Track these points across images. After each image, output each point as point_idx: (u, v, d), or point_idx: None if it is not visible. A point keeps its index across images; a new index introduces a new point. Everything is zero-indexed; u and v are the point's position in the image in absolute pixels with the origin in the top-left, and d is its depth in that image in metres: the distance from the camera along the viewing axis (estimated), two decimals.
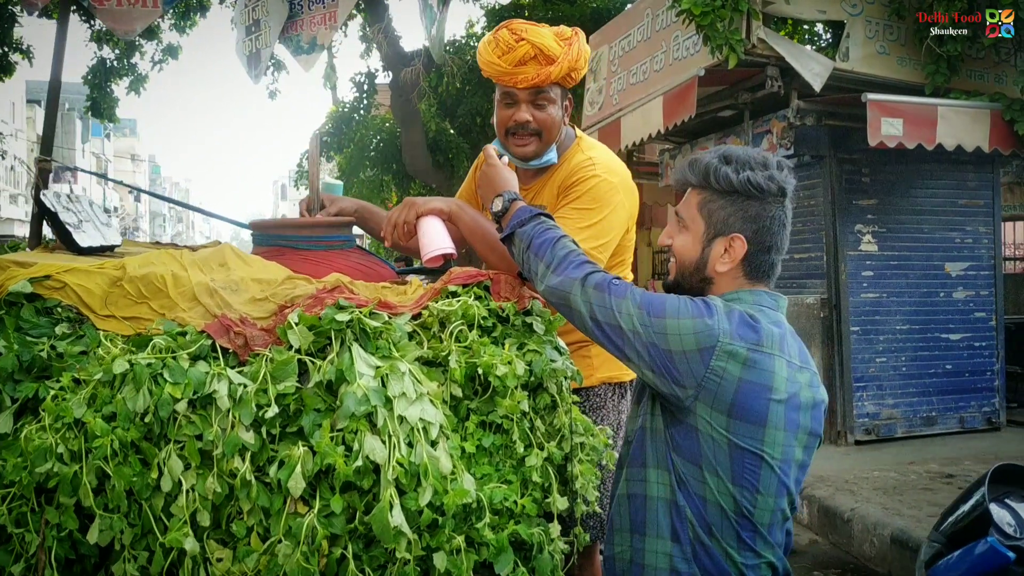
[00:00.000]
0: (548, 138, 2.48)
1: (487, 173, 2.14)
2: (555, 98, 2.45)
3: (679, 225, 1.89)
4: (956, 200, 7.46)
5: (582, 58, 2.44)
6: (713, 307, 1.72)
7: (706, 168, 1.82)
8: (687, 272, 1.88)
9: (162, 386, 1.60)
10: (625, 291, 1.77)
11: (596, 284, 1.79)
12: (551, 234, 1.92)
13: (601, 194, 2.42)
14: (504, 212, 2.03)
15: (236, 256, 1.93)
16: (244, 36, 5.45)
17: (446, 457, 1.67)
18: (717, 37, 6.04)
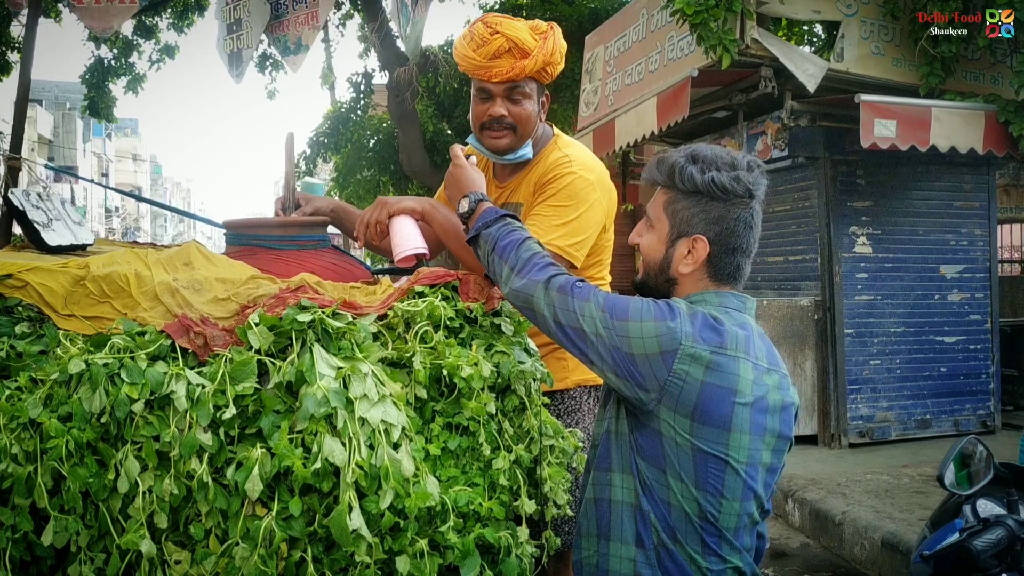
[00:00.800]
0: (523, 132, 2.45)
1: (453, 174, 2.14)
2: (530, 93, 2.43)
3: (646, 224, 1.87)
4: (951, 202, 7.43)
5: (557, 52, 2.41)
6: (676, 309, 1.70)
7: (672, 167, 1.80)
8: (652, 272, 1.87)
9: (119, 386, 1.58)
10: (588, 294, 1.75)
11: (559, 287, 1.76)
12: (516, 236, 1.90)
13: (577, 191, 2.39)
14: (470, 213, 2.02)
15: (201, 255, 1.91)
16: (225, 34, 5.44)
17: (408, 459, 1.65)
18: (711, 37, 6.02)
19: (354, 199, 14.11)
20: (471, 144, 2.55)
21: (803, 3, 6.52)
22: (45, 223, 2.23)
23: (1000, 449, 6.93)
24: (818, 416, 7.02)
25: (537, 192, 2.46)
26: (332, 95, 14.96)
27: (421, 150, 12.45)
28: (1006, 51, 6.70)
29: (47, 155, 39.71)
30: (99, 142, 51.44)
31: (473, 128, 2.52)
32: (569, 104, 11.98)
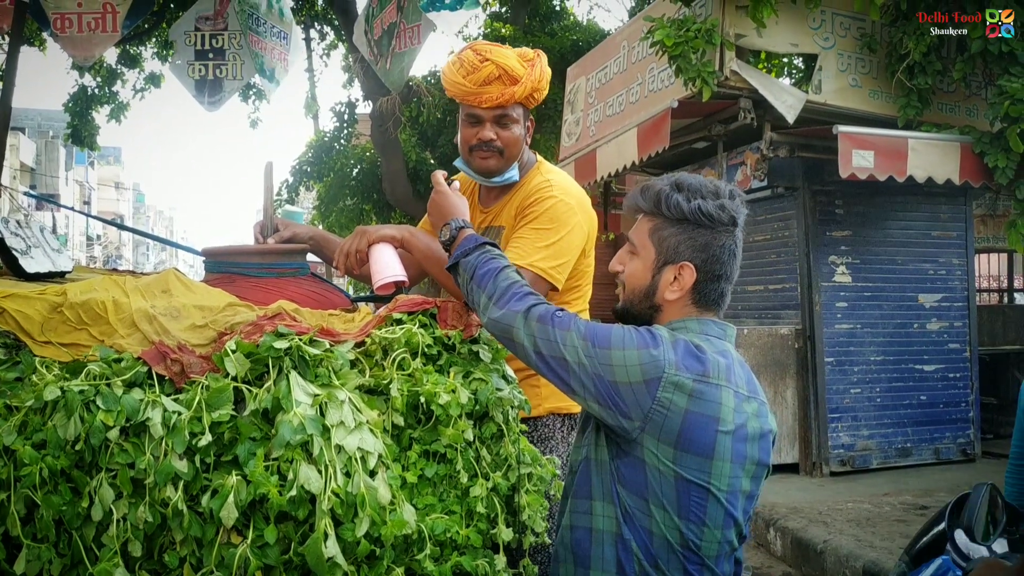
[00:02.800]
0: (510, 155, 2.52)
1: (436, 200, 2.15)
2: (518, 118, 2.50)
3: (629, 251, 1.87)
4: (929, 232, 7.51)
5: (544, 79, 2.49)
6: (659, 337, 1.70)
7: (657, 195, 1.81)
8: (636, 299, 1.86)
9: (94, 413, 1.58)
10: (569, 323, 1.74)
11: (539, 316, 1.76)
12: (494, 264, 1.89)
13: (559, 214, 2.44)
14: (451, 240, 2.02)
15: (180, 282, 1.91)
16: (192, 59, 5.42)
17: (385, 487, 1.65)
18: (690, 69, 6.09)
19: (336, 227, 14.12)
20: (459, 166, 2.61)
21: (781, 36, 6.61)
22: (23, 250, 2.22)
23: (980, 478, 6.89)
24: (799, 444, 7.03)
25: (519, 216, 2.49)
26: (316, 124, 15.02)
27: (404, 179, 12.49)
28: (980, 83, 6.81)
29: (29, 183, 39.53)
30: (82, 170, 51.28)
31: (461, 151, 2.57)
32: (551, 134, 12.07)
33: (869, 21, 6.76)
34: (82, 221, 50.01)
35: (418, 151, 13.45)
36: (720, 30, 6.21)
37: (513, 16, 13.63)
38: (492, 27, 13.75)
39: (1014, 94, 5.71)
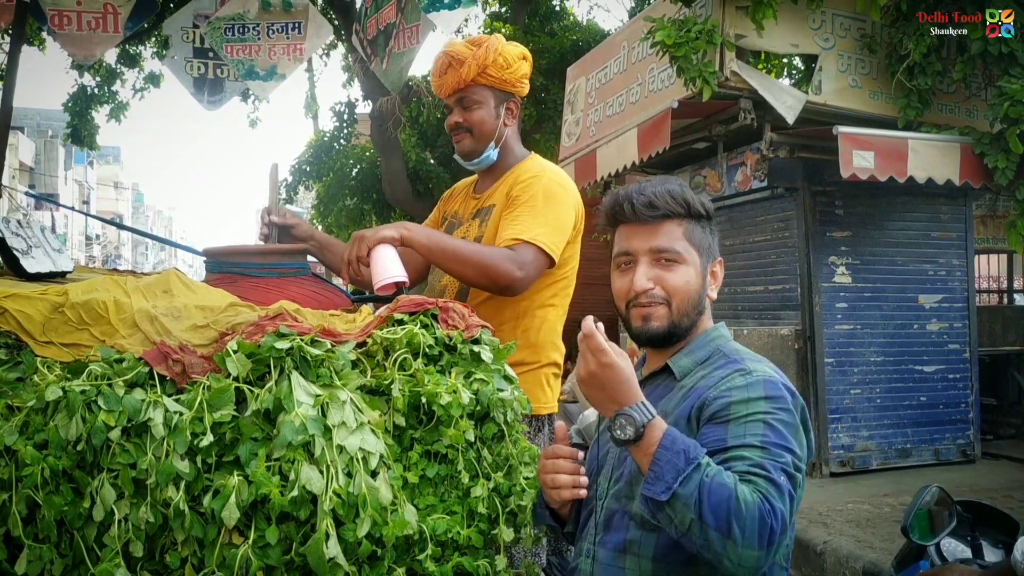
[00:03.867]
0: (480, 134, 2.65)
1: (598, 373, 1.55)
2: (481, 100, 2.63)
3: (661, 262, 1.74)
4: (929, 233, 7.51)
5: (493, 57, 2.59)
6: (785, 384, 1.63)
7: (684, 196, 1.77)
8: (690, 310, 1.76)
9: (96, 414, 1.58)
10: (787, 498, 1.47)
11: (784, 525, 1.45)
12: (723, 490, 1.42)
13: (552, 192, 2.54)
14: (635, 440, 1.50)
15: (181, 282, 1.91)
16: (191, 55, 5.40)
17: (386, 487, 1.65)
18: (691, 70, 6.08)
19: (335, 228, 14.11)
20: (456, 158, 2.76)
21: (781, 37, 6.61)
22: (24, 250, 2.22)
23: (980, 479, 6.96)
24: None
25: (510, 194, 2.57)
26: (315, 124, 15.01)
27: (404, 179, 12.49)
28: (980, 84, 6.81)
29: (28, 182, 39.54)
30: (81, 170, 51.27)
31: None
32: (551, 134, 12.07)
33: (869, 22, 6.76)
34: (81, 221, 50.02)
35: (418, 151, 13.45)
36: (720, 30, 6.21)
37: (513, 16, 13.63)
38: (492, 27, 13.75)
39: (1014, 95, 5.71)
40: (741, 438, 1.52)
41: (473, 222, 2.67)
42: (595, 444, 1.87)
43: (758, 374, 1.62)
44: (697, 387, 1.68)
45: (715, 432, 1.55)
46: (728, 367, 1.68)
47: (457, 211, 2.81)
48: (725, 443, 1.52)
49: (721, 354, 1.75)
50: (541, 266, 2.44)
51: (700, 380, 1.70)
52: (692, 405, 1.64)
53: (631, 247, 1.78)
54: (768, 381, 1.60)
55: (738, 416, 1.55)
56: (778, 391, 1.59)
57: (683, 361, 1.78)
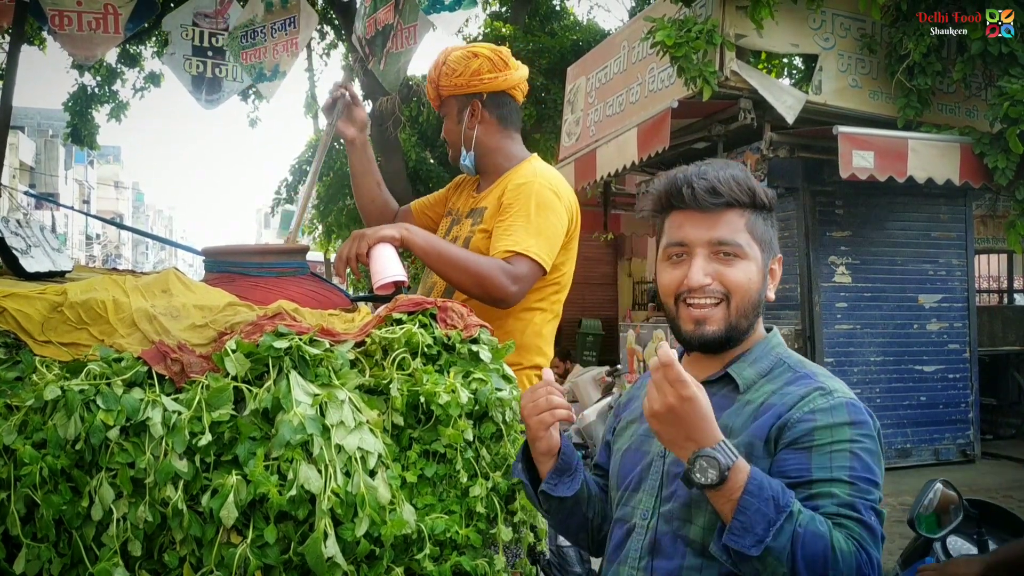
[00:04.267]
0: (453, 144, 2.76)
1: (677, 409, 1.37)
2: (447, 111, 2.73)
3: (719, 256, 1.58)
4: (929, 232, 7.52)
5: (440, 71, 2.68)
6: (864, 407, 1.50)
7: (749, 183, 1.60)
8: (750, 311, 1.60)
9: (94, 413, 1.58)
10: (879, 544, 1.39)
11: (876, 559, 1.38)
12: (819, 541, 1.32)
13: (544, 200, 2.51)
14: (717, 484, 1.34)
15: (179, 282, 1.91)
16: (190, 53, 5.41)
17: (384, 487, 1.65)
18: (691, 69, 6.09)
19: (335, 227, 14.11)
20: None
21: (781, 36, 6.62)
22: (23, 250, 2.22)
23: (980, 479, 6.96)
24: None
25: (503, 203, 2.56)
26: (315, 124, 14.99)
27: (404, 179, 12.48)
28: (980, 84, 6.81)
29: (29, 182, 39.56)
30: (81, 169, 51.29)
31: None
32: (551, 134, 12.07)
33: (869, 22, 6.77)
34: (81, 220, 50.05)
35: (418, 151, 13.45)
36: (720, 30, 6.22)
37: (513, 16, 13.63)
38: (492, 27, 13.75)
39: (1014, 95, 5.72)
40: (827, 470, 1.40)
41: (466, 221, 2.68)
42: (626, 454, 1.71)
43: (839, 395, 1.49)
44: (770, 405, 1.51)
45: (797, 460, 1.43)
46: (803, 383, 1.53)
47: (459, 207, 2.81)
48: (810, 475, 1.41)
49: (786, 366, 1.60)
50: (534, 278, 2.44)
51: (771, 396, 1.53)
52: (769, 426, 1.48)
53: (686, 237, 1.59)
54: (851, 404, 1.48)
55: (822, 443, 1.42)
56: (861, 416, 1.47)
57: (748, 372, 1.60)
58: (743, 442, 1.47)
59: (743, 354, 1.63)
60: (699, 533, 1.48)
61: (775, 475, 1.41)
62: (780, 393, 1.53)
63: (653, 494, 1.59)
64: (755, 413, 1.52)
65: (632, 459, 1.68)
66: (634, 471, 1.65)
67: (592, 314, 14.22)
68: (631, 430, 1.74)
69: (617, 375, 7.32)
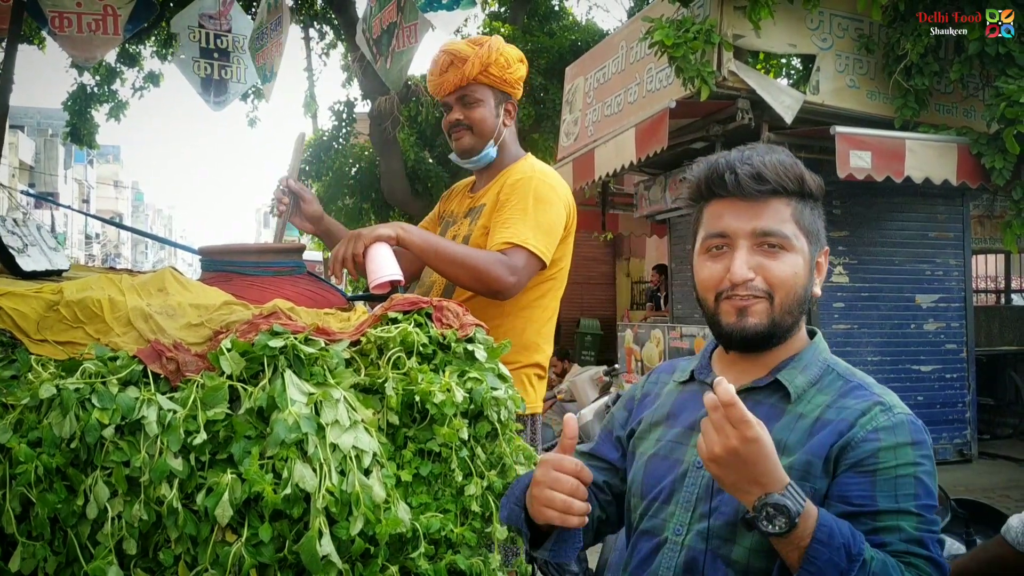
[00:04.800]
0: (480, 132, 2.65)
1: (741, 451, 1.26)
2: (481, 98, 2.64)
3: (764, 248, 1.47)
4: (926, 233, 7.53)
5: (498, 56, 2.62)
6: (922, 427, 1.42)
7: (797, 169, 1.49)
8: (794, 308, 1.49)
9: (90, 411, 1.58)
10: (945, 571, 1.34)
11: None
12: None
13: (542, 194, 2.53)
14: (785, 533, 1.25)
15: (176, 281, 1.91)
16: (198, 55, 5.42)
17: (379, 485, 1.66)
18: (689, 69, 6.10)
19: None
20: (453, 159, 2.76)
21: (779, 36, 6.63)
22: (20, 248, 2.23)
23: (977, 479, 6.97)
24: None
25: (501, 198, 2.58)
26: (314, 123, 15.02)
27: (403, 179, 12.50)
28: (978, 85, 6.82)
29: (28, 181, 39.55)
30: (81, 168, 51.29)
31: (448, 140, 2.74)
32: (550, 134, 12.08)
33: (867, 22, 6.77)
34: (81, 219, 50.04)
35: (417, 150, 13.45)
36: (718, 30, 6.22)
37: (512, 16, 13.64)
38: (491, 27, 13.76)
39: (1011, 95, 5.73)
40: (893, 500, 1.33)
41: (464, 220, 2.69)
42: (652, 460, 1.60)
43: (899, 412, 1.40)
44: (827, 421, 1.42)
45: (861, 485, 1.35)
46: (860, 396, 1.44)
47: (453, 210, 2.83)
48: (875, 504, 1.33)
49: (835, 374, 1.51)
50: (533, 270, 2.45)
51: (827, 411, 1.43)
52: (829, 444, 1.38)
53: (728, 227, 1.48)
54: (912, 423, 1.40)
55: (886, 467, 1.34)
56: (921, 435, 1.39)
57: (799, 380, 1.49)
58: (800, 460, 1.39)
59: (791, 359, 1.52)
60: (743, 555, 1.39)
61: (836, 498, 1.35)
62: (837, 407, 1.43)
63: (689, 508, 1.49)
64: (811, 429, 1.42)
65: (661, 467, 1.57)
66: (665, 481, 1.54)
67: (590, 314, 14.23)
68: (656, 434, 1.62)
69: (615, 375, 7.33)
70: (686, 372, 1.68)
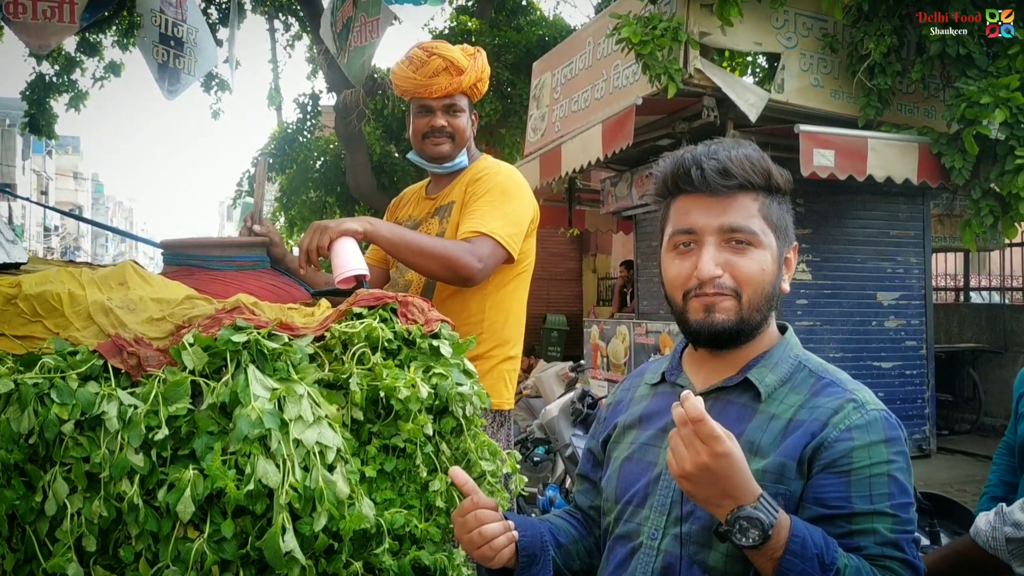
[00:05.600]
0: (460, 141, 2.70)
1: (712, 466, 1.25)
2: (464, 108, 2.70)
3: (731, 245, 1.46)
4: (888, 231, 7.62)
5: (485, 72, 2.70)
6: (898, 423, 1.42)
7: (764, 163, 1.48)
8: (762, 304, 1.47)
9: (49, 407, 1.56)
10: (920, 572, 1.35)
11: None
12: None
13: (508, 188, 2.60)
14: (760, 543, 1.25)
15: (137, 275, 1.89)
16: (157, 40, 5.35)
17: (343, 481, 1.65)
18: (656, 66, 6.12)
19: (299, 220, 14.03)
20: (412, 159, 2.78)
21: (745, 35, 6.67)
22: None
23: (935, 473, 7.08)
24: None
25: (468, 192, 2.63)
26: (279, 115, 14.90)
27: (368, 172, 12.44)
28: (939, 85, 6.92)
29: None
30: (39, 159, 50.39)
31: (413, 142, 2.74)
32: (517, 129, 12.08)
33: (831, 22, 6.84)
34: (39, 212, 49.20)
35: (382, 144, 13.40)
36: (685, 28, 6.25)
37: (480, 10, 13.61)
38: (458, 21, 13.72)
39: (971, 96, 5.81)
40: (868, 501, 1.32)
41: (432, 220, 2.70)
42: (626, 464, 1.59)
43: (872, 408, 1.39)
44: (800, 421, 1.40)
45: (836, 486, 1.34)
46: (832, 394, 1.43)
47: (412, 214, 2.83)
48: (851, 506, 1.33)
49: (807, 371, 1.49)
50: (499, 258, 2.48)
51: (799, 411, 1.42)
52: (803, 445, 1.37)
53: (695, 224, 1.46)
54: (885, 418, 1.39)
55: (861, 467, 1.34)
56: (895, 431, 1.39)
57: (769, 378, 1.48)
58: (774, 463, 1.37)
59: (761, 357, 1.51)
60: (720, 560, 1.38)
61: (812, 500, 1.35)
62: (809, 407, 1.41)
63: (663, 512, 1.47)
64: (784, 430, 1.40)
65: (635, 470, 1.56)
66: (638, 484, 1.53)
67: (556, 309, 14.27)
68: (630, 437, 1.62)
69: (580, 370, 7.35)
70: (657, 373, 1.68)
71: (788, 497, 1.36)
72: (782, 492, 1.35)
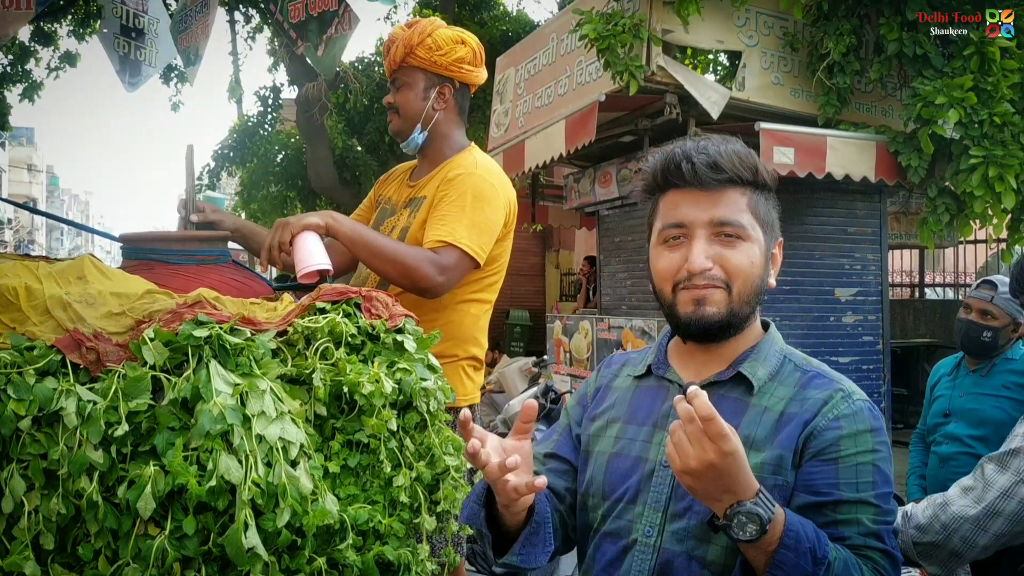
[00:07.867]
0: (406, 114, 2.68)
1: (717, 464, 1.23)
2: (410, 81, 2.66)
3: (721, 238, 1.47)
4: (846, 228, 7.71)
5: (420, 38, 2.62)
6: (879, 413, 1.45)
7: (751, 159, 1.51)
8: (751, 298, 1.50)
9: (5, 403, 1.53)
10: (899, 563, 1.39)
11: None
12: None
13: (482, 192, 2.51)
14: (756, 537, 1.26)
15: (96, 269, 1.86)
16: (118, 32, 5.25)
17: (306, 477, 1.64)
18: (618, 63, 6.14)
19: (260, 215, 13.89)
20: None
21: (707, 33, 6.71)
22: None
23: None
24: None
25: (441, 188, 2.55)
26: (239, 108, 14.74)
27: (330, 166, 12.35)
28: (896, 85, 7.02)
29: None
30: None
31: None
32: (480, 124, 12.06)
33: (792, 20, 6.90)
34: None
35: (345, 138, 13.31)
36: (647, 25, 6.28)
37: (443, 4, 13.57)
38: (421, 14, 13.67)
39: (927, 96, 5.90)
40: (854, 489, 1.36)
41: (403, 212, 2.66)
42: (614, 459, 1.57)
43: (858, 399, 1.44)
44: (792, 414, 1.44)
45: (824, 474, 1.38)
46: (820, 386, 1.46)
47: (391, 197, 2.80)
48: (838, 493, 1.36)
49: (793, 364, 1.53)
50: (465, 269, 2.44)
51: (790, 404, 1.45)
52: (796, 436, 1.41)
53: (685, 217, 1.48)
54: (870, 409, 1.43)
55: (848, 455, 1.38)
56: (878, 421, 1.42)
57: (760, 372, 1.50)
58: (771, 456, 1.40)
59: (751, 351, 1.53)
60: (719, 554, 1.39)
61: (802, 488, 1.38)
62: (799, 400, 1.45)
63: (658, 509, 1.47)
64: (777, 423, 1.43)
65: (624, 466, 1.55)
66: (629, 480, 1.52)
67: (520, 305, 14.27)
68: (615, 431, 1.60)
69: (543, 366, 7.37)
70: (641, 366, 1.66)
71: (785, 488, 1.39)
72: (779, 483, 1.39)
